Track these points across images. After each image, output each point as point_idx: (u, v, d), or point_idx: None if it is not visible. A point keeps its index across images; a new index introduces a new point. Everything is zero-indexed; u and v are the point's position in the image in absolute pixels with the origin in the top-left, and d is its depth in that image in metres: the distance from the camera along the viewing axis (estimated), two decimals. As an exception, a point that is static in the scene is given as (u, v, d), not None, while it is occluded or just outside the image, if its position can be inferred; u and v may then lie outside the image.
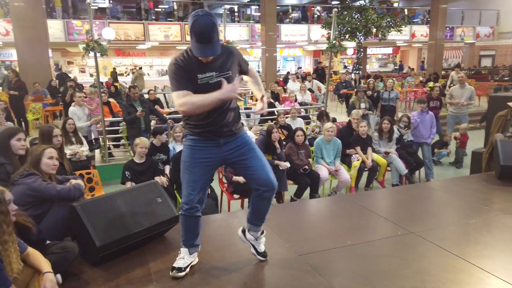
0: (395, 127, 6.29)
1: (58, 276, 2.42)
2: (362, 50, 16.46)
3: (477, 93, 13.30)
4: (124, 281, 2.53)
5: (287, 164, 5.16)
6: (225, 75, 2.33)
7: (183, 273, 2.55)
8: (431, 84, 13.21)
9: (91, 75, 19.16)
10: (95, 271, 2.64)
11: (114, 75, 17.22)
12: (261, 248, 2.74)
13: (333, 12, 8.16)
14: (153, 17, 16.21)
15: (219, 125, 2.39)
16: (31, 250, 2.28)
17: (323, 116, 7.08)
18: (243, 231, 2.77)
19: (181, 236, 2.62)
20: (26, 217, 2.40)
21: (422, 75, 18.60)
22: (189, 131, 2.47)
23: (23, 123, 9.18)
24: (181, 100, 2.23)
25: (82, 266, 2.69)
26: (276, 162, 5.11)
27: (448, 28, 20.11)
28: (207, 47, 2.17)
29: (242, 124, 2.64)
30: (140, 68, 17.01)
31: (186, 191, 2.46)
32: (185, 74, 2.27)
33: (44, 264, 2.25)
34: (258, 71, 17.91)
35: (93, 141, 6.76)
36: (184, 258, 2.59)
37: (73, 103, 6.88)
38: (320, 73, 14.87)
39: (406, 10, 21.16)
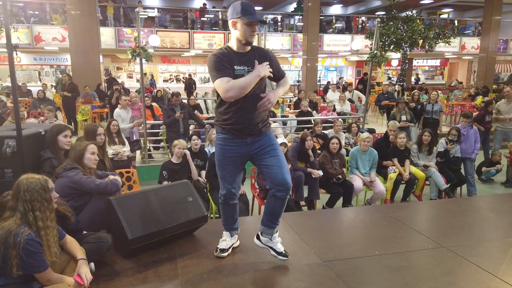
0: (443, 140, 6.08)
1: (92, 264, 2.57)
2: (407, 61, 16.03)
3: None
4: (152, 274, 2.64)
5: (320, 173, 5.13)
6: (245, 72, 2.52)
7: (226, 253, 2.88)
8: (480, 98, 12.63)
9: (138, 81, 19.99)
10: (126, 263, 2.77)
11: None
12: (279, 247, 2.79)
13: (376, 22, 8.06)
14: (199, 26, 16.71)
15: (246, 123, 2.55)
16: (68, 238, 2.44)
17: (351, 127, 7.00)
18: (258, 237, 2.86)
19: (222, 221, 2.93)
20: (66, 206, 2.58)
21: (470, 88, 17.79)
22: (219, 128, 2.66)
23: (72, 123, 9.76)
24: (227, 86, 2.38)
25: (114, 257, 2.84)
26: (309, 170, 5.11)
27: (501, 41, 19.16)
28: (256, 15, 2.46)
29: (270, 123, 2.76)
30: (145, 74, 17.79)
31: (223, 185, 2.75)
32: (225, 63, 2.46)
33: (79, 251, 2.41)
34: (299, 81, 17.96)
35: (135, 142, 7.05)
36: (226, 240, 2.92)
37: (118, 105, 7.24)
38: (366, 84, 14.59)
39: (456, 21, 20.42)
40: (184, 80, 19.60)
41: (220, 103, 2.59)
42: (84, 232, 2.77)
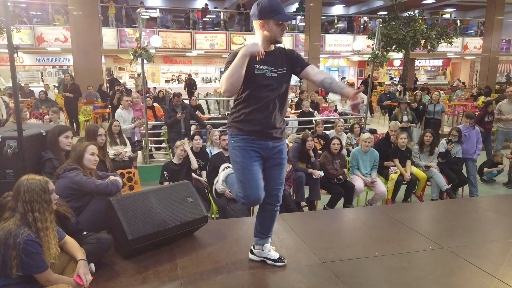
0: (444, 140, 6.07)
1: (92, 265, 2.58)
2: (409, 61, 16.01)
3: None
4: (152, 274, 2.65)
5: (321, 173, 5.13)
6: (281, 71, 2.42)
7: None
8: (482, 98, 12.60)
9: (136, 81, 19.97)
10: (126, 263, 2.78)
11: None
12: (273, 255, 2.77)
13: (377, 23, 8.05)
14: (201, 26, 16.73)
15: (267, 126, 2.43)
16: (68, 239, 2.45)
17: (354, 128, 7.00)
18: (251, 251, 2.83)
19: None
20: (66, 207, 2.59)
21: (472, 88, 17.74)
22: (237, 130, 2.45)
23: (74, 124, 9.78)
24: (220, 83, 2.28)
25: (114, 257, 2.84)
26: (310, 170, 5.11)
27: (504, 41, 19.10)
28: (285, 12, 2.34)
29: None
30: (139, 75, 17.71)
31: (244, 191, 2.44)
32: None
33: (79, 252, 2.41)
34: (300, 81, 17.95)
35: (136, 143, 7.06)
36: None
37: (120, 106, 7.26)
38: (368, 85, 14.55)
39: (458, 21, 20.36)
40: (184, 80, 19.41)
41: (238, 103, 2.44)
42: (85, 232, 2.77)
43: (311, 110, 8.91)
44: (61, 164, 3.21)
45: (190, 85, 17.06)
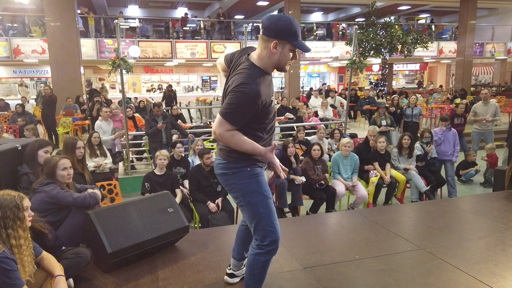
0: (418, 144, 6.20)
1: (70, 280, 2.55)
2: (387, 66, 16.36)
3: (508, 110, 12.92)
4: (133, 287, 2.62)
5: (303, 179, 5.18)
6: (272, 101, 2.19)
7: None
8: (458, 100, 12.94)
9: (120, 91, 19.76)
10: (106, 277, 2.74)
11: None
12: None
13: (354, 29, 8.21)
14: (181, 35, 16.71)
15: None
16: (45, 254, 2.41)
17: (334, 133, 7.09)
18: (232, 275, 2.64)
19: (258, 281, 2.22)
20: (43, 223, 2.55)
21: (449, 91, 18.21)
22: (252, 162, 2.15)
23: (53, 136, 9.62)
24: (230, 132, 1.98)
25: (94, 271, 2.80)
26: (292, 176, 5.15)
27: (477, 44, 19.68)
28: (305, 44, 2.03)
29: None
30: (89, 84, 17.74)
31: (274, 225, 2.12)
32: (256, 106, 1.98)
33: (57, 268, 2.37)
34: (282, 87, 18.10)
35: (117, 154, 6.99)
36: None
37: (99, 117, 7.18)
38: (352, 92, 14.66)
39: (433, 27, 20.90)
40: (162, 91, 17.47)
41: (261, 129, 2.12)
42: (63, 247, 2.73)
43: (292, 116, 8.98)
44: (37, 179, 3.16)
45: (170, 97, 14.71)
